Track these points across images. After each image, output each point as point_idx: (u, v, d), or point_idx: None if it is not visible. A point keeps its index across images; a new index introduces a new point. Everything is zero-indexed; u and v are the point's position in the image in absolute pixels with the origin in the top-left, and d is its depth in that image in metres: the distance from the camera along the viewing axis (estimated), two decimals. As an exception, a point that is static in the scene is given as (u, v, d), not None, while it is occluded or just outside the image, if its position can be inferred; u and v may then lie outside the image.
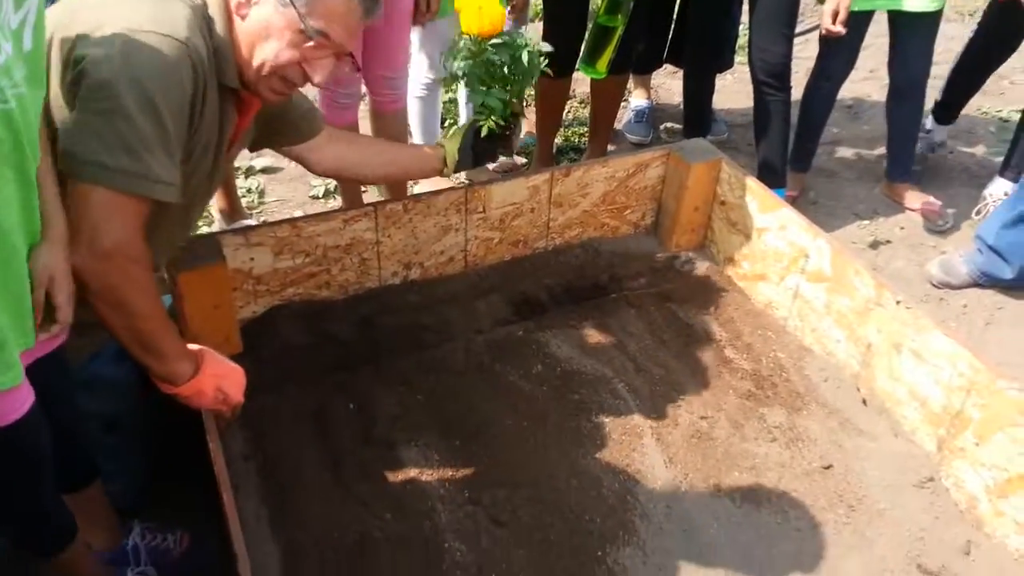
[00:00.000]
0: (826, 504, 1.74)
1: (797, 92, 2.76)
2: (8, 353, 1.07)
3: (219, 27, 1.36)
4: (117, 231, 1.21)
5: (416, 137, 2.87)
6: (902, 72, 2.77)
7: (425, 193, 2.11)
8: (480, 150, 1.90)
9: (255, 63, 1.38)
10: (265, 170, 3.01)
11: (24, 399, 1.17)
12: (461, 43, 1.76)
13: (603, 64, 2.54)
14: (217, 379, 1.42)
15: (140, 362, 1.32)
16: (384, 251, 2.10)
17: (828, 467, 1.81)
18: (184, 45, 1.26)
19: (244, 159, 3.02)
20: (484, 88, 1.80)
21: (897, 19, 2.69)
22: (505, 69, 1.76)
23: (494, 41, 1.73)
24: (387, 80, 2.52)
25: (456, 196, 2.10)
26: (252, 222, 2.61)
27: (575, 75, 2.79)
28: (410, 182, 2.90)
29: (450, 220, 2.14)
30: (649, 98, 3.34)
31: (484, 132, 1.84)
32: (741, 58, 3.42)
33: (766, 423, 1.90)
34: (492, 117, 1.81)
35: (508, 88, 1.79)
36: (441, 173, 1.95)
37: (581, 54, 2.55)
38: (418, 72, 2.72)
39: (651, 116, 3.32)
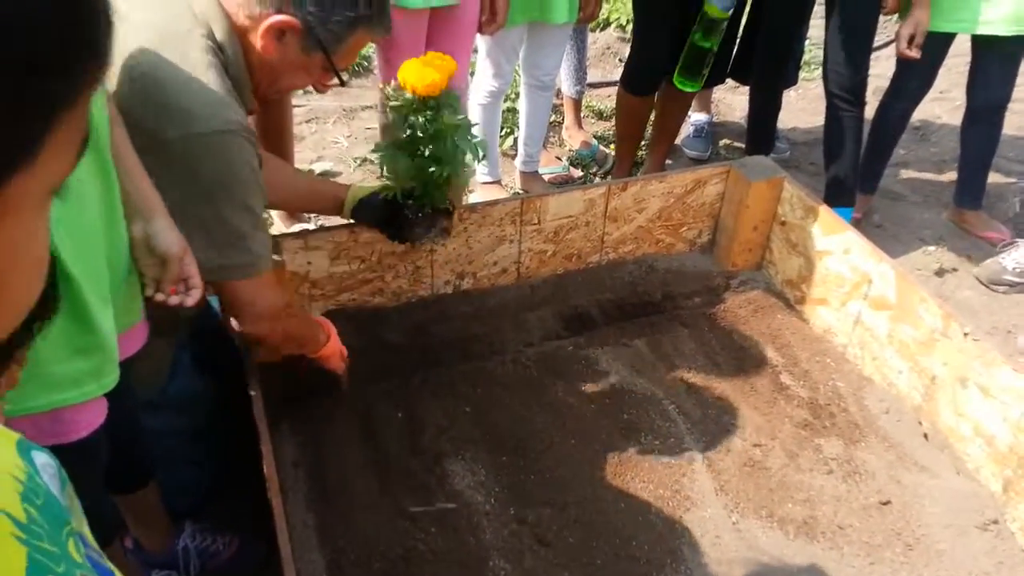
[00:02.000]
0: (883, 541, 1.67)
1: (868, 110, 2.68)
2: (112, 351, 1.09)
3: (231, 53, 1.33)
4: (263, 300, 1.44)
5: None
6: (981, 96, 2.66)
7: (481, 203, 2.10)
8: (391, 218, 1.77)
9: (274, 87, 1.42)
10: (324, 174, 3.04)
11: (104, 406, 1.19)
12: (392, 90, 1.59)
13: (701, 82, 2.58)
14: (336, 341, 1.72)
15: (304, 352, 1.65)
16: (438, 260, 2.10)
17: (886, 503, 1.75)
18: (240, 134, 1.29)
19: (303, 163, 3.07)
20: (394, 149, 1.62)
21: (979, 41, 2.59)
22: (423, 145, 1.57)
23: (428, 104, 1.55)
24: None
25: (511, 207, 2.09)
26: (310, 226, 2.63)
27: None
28: (468, 191, 2.89)
29: (504, 231, 2.12)
30: (709, 112, 3.29)
31: (385, 197, 1.72)
32: (805, 74, 3.35)
33: (822, 454, 1.85)
34: (397, 185, 1.66)
35: (424, 165, 1.60)
36: (339, 213, 1.84)
37: (677, 70, 2.56)
38: (482, 79, 2.71)
39: (711, 131, 3.27)
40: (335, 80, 1.43)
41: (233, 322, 1.49)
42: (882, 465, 1.82)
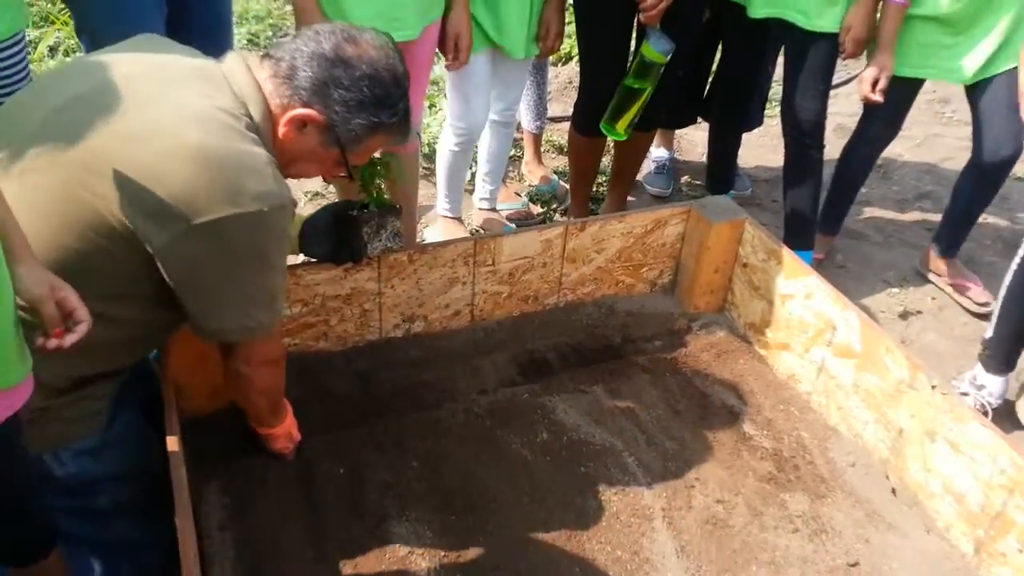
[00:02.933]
0: (851, 607, 1.59)
1: (830, 150, 2.63)
2: None
3: (264, 135, 1.36)
4: (273, 349, 1.51)
5: (441, 183, 2.76)
6: (991, 151, 2.41)
7: (431, 243, 2.00)
8: (336, 239, 1.80)
9: (285, 171, 1.42)
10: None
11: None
12: None
13: (623, 126, 2.46)
14: (291, 420, 1.71)
15: (257, 422, 1.66)
16: (386, 303, 1.99)
17: (854, 564, 1.66)
18: (289, 208, 1.34)
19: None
20: None
21: (972, 89, 2.43)
22: None
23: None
24: None
25: (464, 247, 2.00)
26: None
27: None
28: (420, 229, 2.81)
29: (457, 272, 2.03)
30: (671, 149, 3.24)
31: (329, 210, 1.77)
32: (768, 111, 3.32)
33: (787, 511, 1.76)
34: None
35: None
36: None
37: (605, 114, 2.46)
38: (453, 121, 2.57)
39: (672, 168, 3.21)
40: (343, 173, 1.47)
41: (234, 365, 1.49)
42: (849, 523, 1.74)
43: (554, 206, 3.05)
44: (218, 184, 1.25)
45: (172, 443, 1.38)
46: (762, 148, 3.45)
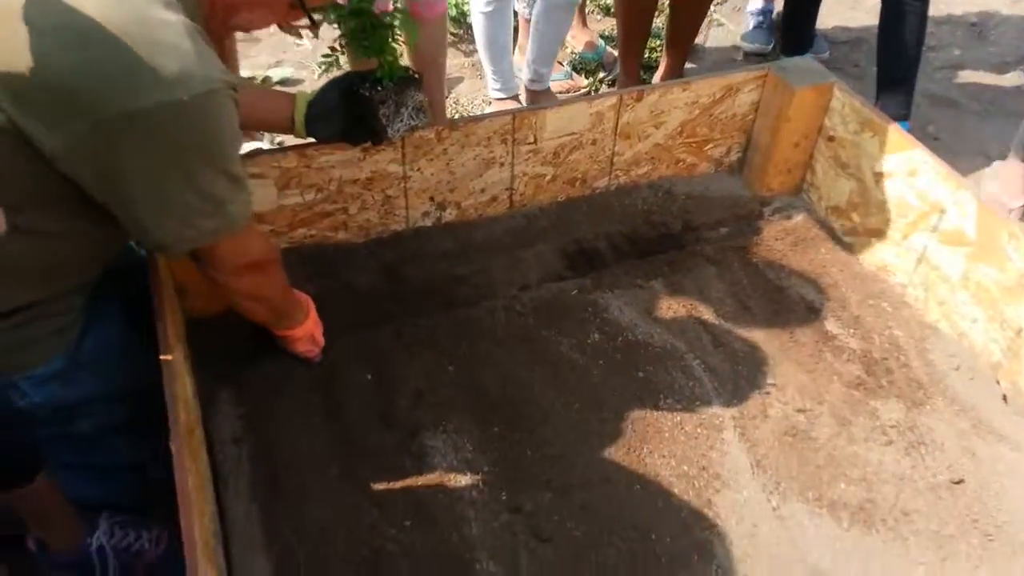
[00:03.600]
0: (956, 531, 1.37)
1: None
2: None
3: None
4: (249, 251, 1.26)
5: (483, 59, 2.43)
6: None
7: (462, 119, 1.72)
8: (350, 117, 1.52)
9: (230, 23, 1.19)
10: (284, 82, 2.62)
11: None
12: None
13: None
14: (314, 323, 1.52)
15: (268, 326, 1.46)
16: (413, 187, 1.74)
17: (959, 482, 1.44)
18: (225, 91, 1.06)
19: (259, 68, 2.64)
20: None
21: None
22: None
23: None
24: None
25: (501, 123, 1.71)
26: (263, 145, 2.24)
27: None
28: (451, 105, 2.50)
29: (494, 152, 1.75)
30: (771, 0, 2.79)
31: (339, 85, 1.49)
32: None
33: (879, 420, 1.53)
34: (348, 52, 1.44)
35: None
36: (292, 131, 1.55)
37: None
38: None
39: (772, 21, 2.76)
40: (305, 20, 1.21)
41: (205, 271, 1.26)
42: (952, 434, 1.51)
43: (601, 76, 2.71)
44: (123, 69, 0.97)
45: (165, 351, 1.17)
46: (840, 5, 3.02)
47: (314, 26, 1.22)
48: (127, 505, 1.42)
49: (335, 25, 1.38)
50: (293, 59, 2.68)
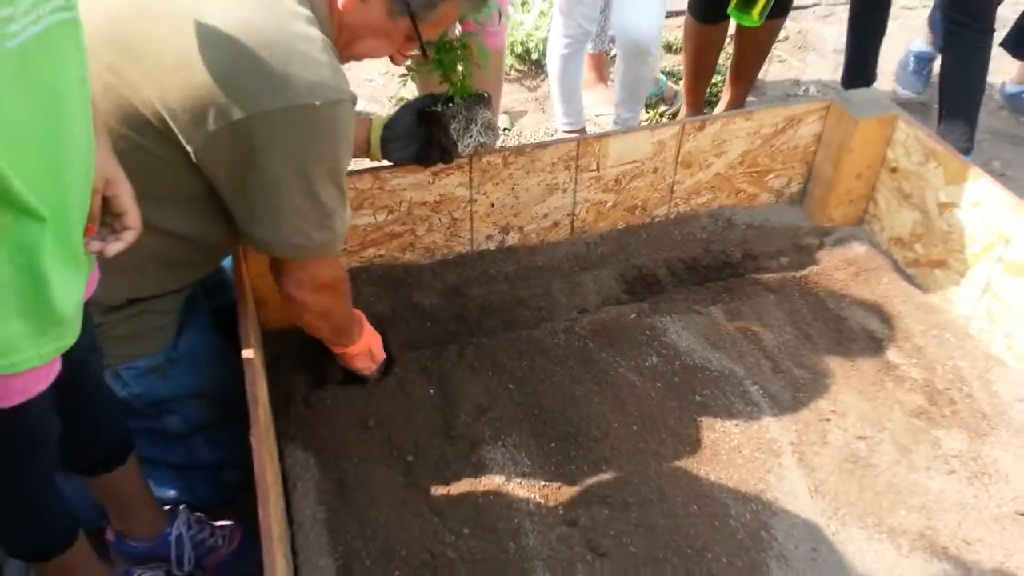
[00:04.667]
0: (1022, 562, 1.34)
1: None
2: (70, 316, 0.84)
3: (320, 10, 1.17)
4: (329, 272, 1.31)
5: (555, 95, 2.53)
6: None
7: (528, 145, 1.79)
8: (422, 139, 1.59)
9: (350, 51, 1.26)
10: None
11: (50, 372, 0.94)
12: None
13: (758, 11, 2.14)
14: (370, 337, 1.54)
15: (327, 343, 1.48)
16: (478, 211, 1.80)
17: (1025, 514, 1.41)
18: (349, 104, 1.15)
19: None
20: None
21: None
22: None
23: None
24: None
25: (566, 150, 1.77)
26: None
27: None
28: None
29: (557, 178, 1.81)
30: (933, 44, 2.70)
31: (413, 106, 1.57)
32: (906, 2, 2.89)
33: (941, 449, 1.51)
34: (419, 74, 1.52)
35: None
36: (367, 154, 1.62)
37: None
38: (556, 24, 2.38)
39: (930, 66, 2.67)
40: (415, 51, 1.28)
41: (286, 287, 1.31)
42: (1017, 465, 1.48)
43: (662, 110, 2.76)
44: (263, 72, 1.06)
45: (248, 354, 1.25)
46: (902, 44, 3.02)
47: (425, 56, 1.31)
48: (200, 505, 1.50)
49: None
50: (365, 93, 2.81)
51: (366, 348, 1.56)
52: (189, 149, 1.10)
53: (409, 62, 1.47)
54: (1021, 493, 1.44)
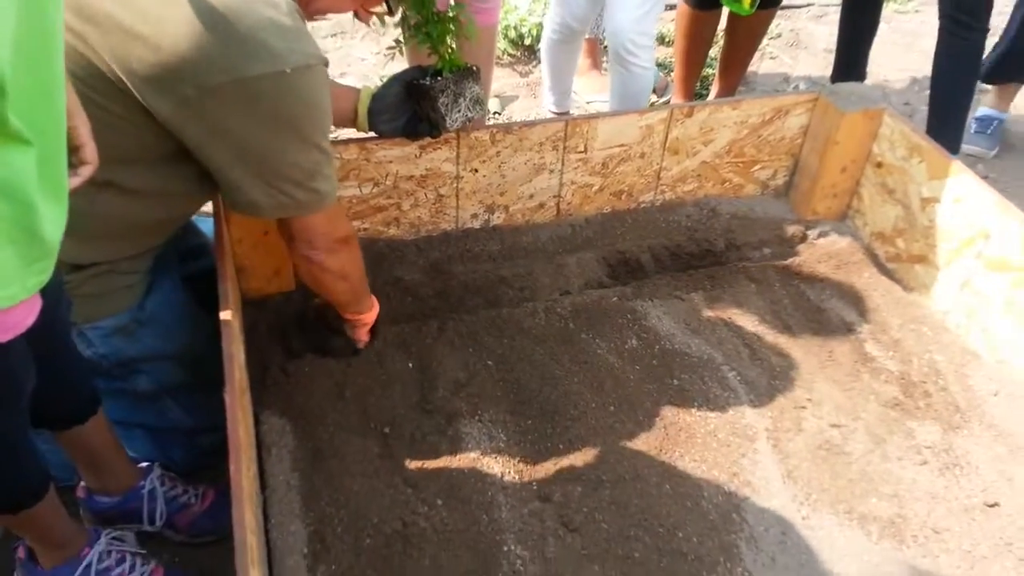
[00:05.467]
0: (989, 551, 1.36)
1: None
2: (53, 243, 0.82)
3: None
4: (339, 227, 1.33)
5: (545, 76, 2.53)
6: None
7: (517, 123, 1.78)
8: (410, 112, 1.59)
9: (313, 7, 1.25)
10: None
11: (36, 304, 0.91)
12: None
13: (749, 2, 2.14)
14: (376, 312, 1.54)
15: (343, 308, 1.48)
16: (465, 188, 1.80)
17: (993, 505, 1.42)
18: (320, 67, 1.15)
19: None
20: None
21: None
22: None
23: None
24: None
25: (554, 129, 1.77)
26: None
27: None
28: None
29: (544, 158, 1.81)
30: (1006, 110, 2.64)
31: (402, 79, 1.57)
32: (898, 6, 2.91)
33: (915, 440, 1.52)
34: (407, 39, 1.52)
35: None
36: (355, 124, 1.61)
37: None
38: (551, 10, 2.38)
39: (999, 128, 2.62)
40: (382, 7, 1.26)
41: (300, 250, 1.32)
42: (988, 458, 1.49)
43: (653, 100, 2.77)
44: (229, 40, 1.05)
45: (226, 315, 1.24)
46: (892, 45, 3.05)
47: (390, 12, 1.30)
48: (175, 469, 1.48)
49: (398, 26, 1.47)
50: (358, 72, 2.80)
51: (372, 320, 1.56)
52: (157, 114, 1.09)
53: (396, 22, 1.46)
54: (990, 485, 1.45)
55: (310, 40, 1.13)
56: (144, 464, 1.44)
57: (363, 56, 2.87)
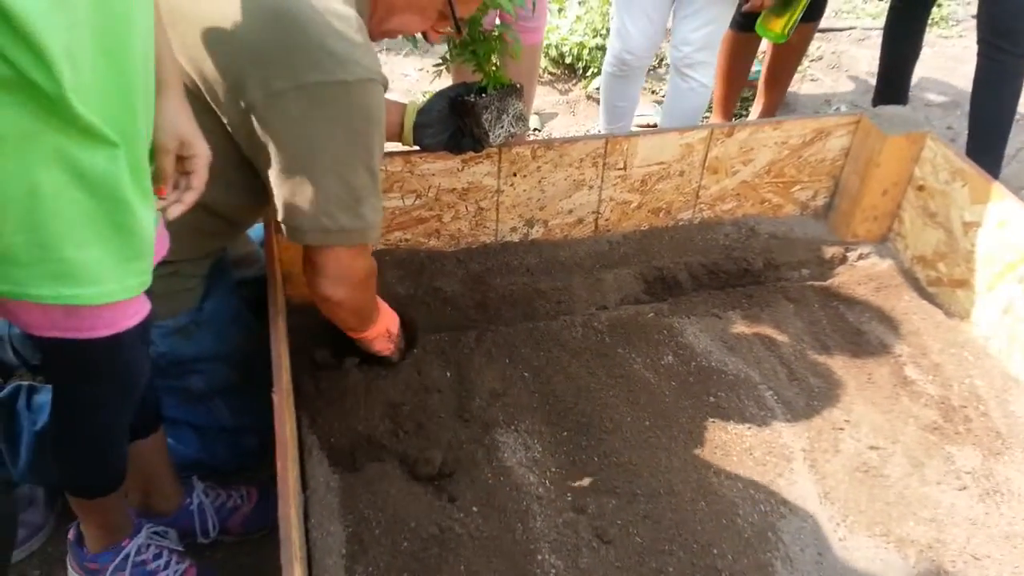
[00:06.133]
0: (1030, 582, 1.34)
1: None
2: (147, 242, 0.86)
3: None
4: (361, 266, 1.29)
5: (601, 112, 2.50)
6: None
7: (558, 139, 1.81)
8: (454, 127, 1.61)
9: (384, 27, 1.28)
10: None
11: (142, 305, 0.96)
12: None
13: (781, 26, 2.16)
14: (386, 319, 1.50)
15: (348, 331, 1.44)
16: (505, 202, 1.83)
17: (1036, 534, 1.40)
18: (380, 84, 1.16)
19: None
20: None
21: None
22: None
23: None
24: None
25: (594, 146, 1.79)
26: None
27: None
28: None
29: (584, 174, 1.83)
30: None
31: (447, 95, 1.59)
32: (942, 30, 2.90)
33: (954, 465, 1.51)
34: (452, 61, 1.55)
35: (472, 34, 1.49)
36: (400, 138, 1.63)
37: (763, 13, 2.16)
38: (610, 41, 2.35)
39: None
40: (448, 29, 1.29)
41: (320, 289, 1.28)
42: (1031, 486, 1.47)
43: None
44: (298, 47, 1.07)
45: (274, 320, 1.28)
46: (939, 70, 3.03)
47: (459, 32, 1.33)
48: (219, 467, 1.52)
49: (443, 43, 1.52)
50: (401, 88, 2.86)
51: (383, 330, 1.55)
52: (224, 119, 1.13)
53: (442, 41, 1.49)
54: (1032, 513, 1.43)
55: (375, 57, 1.16)
56: (186, 478, 1.47)
57: (406, 72, 2.93)
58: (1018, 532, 1.40)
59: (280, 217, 1.21)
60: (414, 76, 2.93)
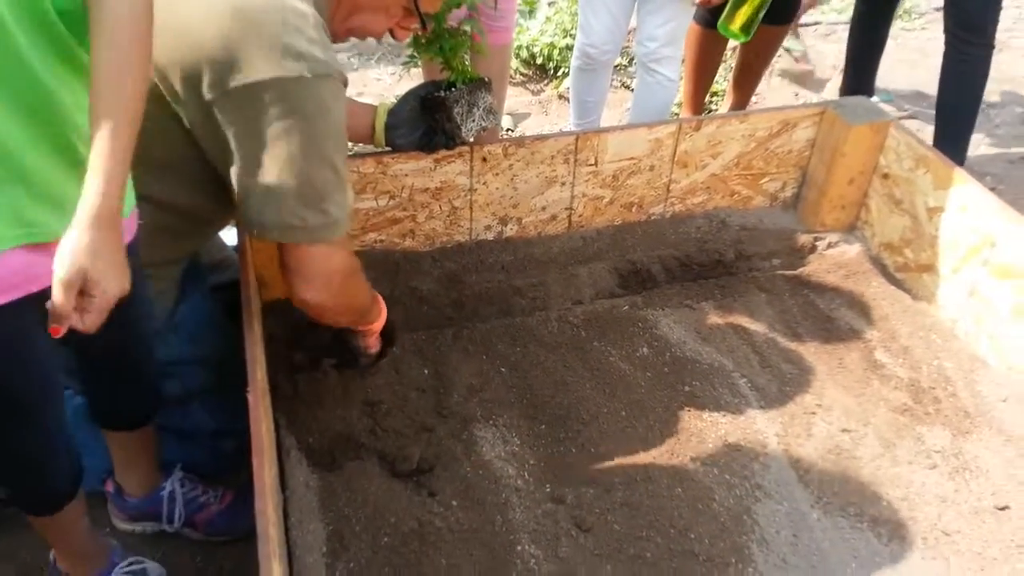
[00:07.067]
0: (999, 554, 1.37)
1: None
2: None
3: None
4: (337, 264, 1.25)
5: (572, 107, 2.54)
6: None
7: (529, 136, 1.83)
8: (425, 125, 1.62)
9: (348, 24, 1.29)
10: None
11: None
12: None
13: (737, 24, 2.19)
14: (383, 320, 1.50)
15: (353, 325, 1.44)
16: (478, 200, 1.84)
17: (1003, 508, 1.43)
18: (339, 80, 1.16)
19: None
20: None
21: None
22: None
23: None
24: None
25: (565, 142, 1.82)
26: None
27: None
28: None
29: (556, 171, 1.85)
30: None
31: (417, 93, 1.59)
32: (905, 24, 2.96)
33: (924, 445, 1.54)
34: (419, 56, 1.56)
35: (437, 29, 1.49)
36: (372, 139, 1.64)
37: (723, 14, 2.20)
38: (578, 36, 2.38)
39: None
40: (415, 25, 1.30)
41: (299, 292, 1.26)
42: (998, 462, 1.51)
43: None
44: (255, 43, 1.07)
45: (249, 322, 1.28)
46: (903, 63, 3.09)
47: (424, 28, 1.34)
48: (198, 471, 1.52)
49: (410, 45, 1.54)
50: (374, 92, 2.87)
51: (383, 324, 1.52)
52: (181, 114, 1.13)
53: (410, 40, 1.50)
54: (1000, 488, 1.46)
55: (332, 54, 1.16)
56: (167, 466, 1.48)
57: (379, 76, 2.95)
58: (986, 507, 1.43)
59: (244, 215, 1.20)
60: (387, 80, 2.94)
